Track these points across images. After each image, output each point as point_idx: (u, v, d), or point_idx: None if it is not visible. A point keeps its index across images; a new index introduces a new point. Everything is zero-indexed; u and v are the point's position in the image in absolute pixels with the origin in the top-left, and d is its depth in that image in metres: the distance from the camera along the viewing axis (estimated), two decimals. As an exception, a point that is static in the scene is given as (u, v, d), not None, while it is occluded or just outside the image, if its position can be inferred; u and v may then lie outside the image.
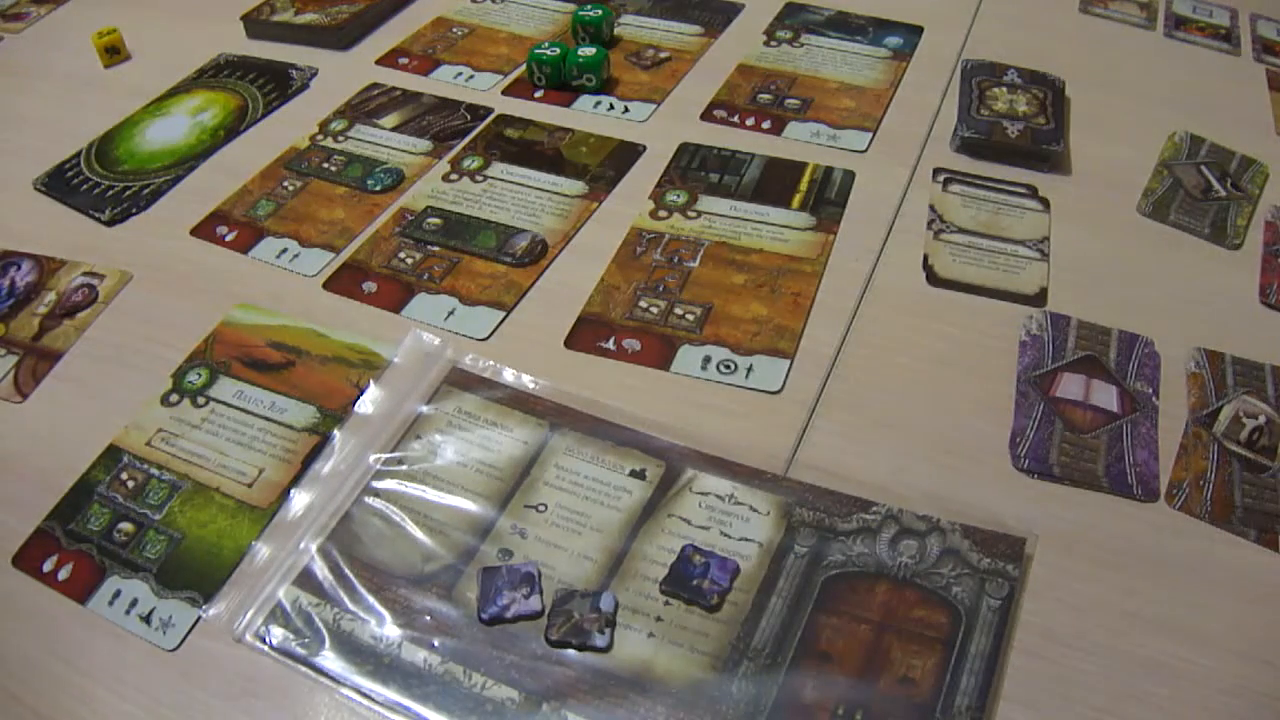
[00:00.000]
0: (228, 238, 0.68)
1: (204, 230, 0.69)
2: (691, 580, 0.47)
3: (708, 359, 0.58)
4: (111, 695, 0.44)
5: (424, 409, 0.55)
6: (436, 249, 0.66)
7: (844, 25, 0.88)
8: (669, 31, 0.88)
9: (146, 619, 0.47)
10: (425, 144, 0.76)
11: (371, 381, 0.57)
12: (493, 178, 0.72)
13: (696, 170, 0.72)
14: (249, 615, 0.46)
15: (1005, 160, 0.72)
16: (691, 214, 0.68)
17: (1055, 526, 0.49)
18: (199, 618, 0.47)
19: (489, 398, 0.56)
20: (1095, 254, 0.65)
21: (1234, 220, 0.67)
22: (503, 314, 0.61)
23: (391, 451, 0.53)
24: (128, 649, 0.46)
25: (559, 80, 0.80)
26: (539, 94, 0.80)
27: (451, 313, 0.61)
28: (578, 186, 0.71)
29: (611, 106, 0.79)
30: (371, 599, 0.47)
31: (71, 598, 0.48)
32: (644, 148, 0.74)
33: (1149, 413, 0.55)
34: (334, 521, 0.50)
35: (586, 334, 0.60)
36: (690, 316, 0.60)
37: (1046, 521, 0.49)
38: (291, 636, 0.46)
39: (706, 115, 0.77)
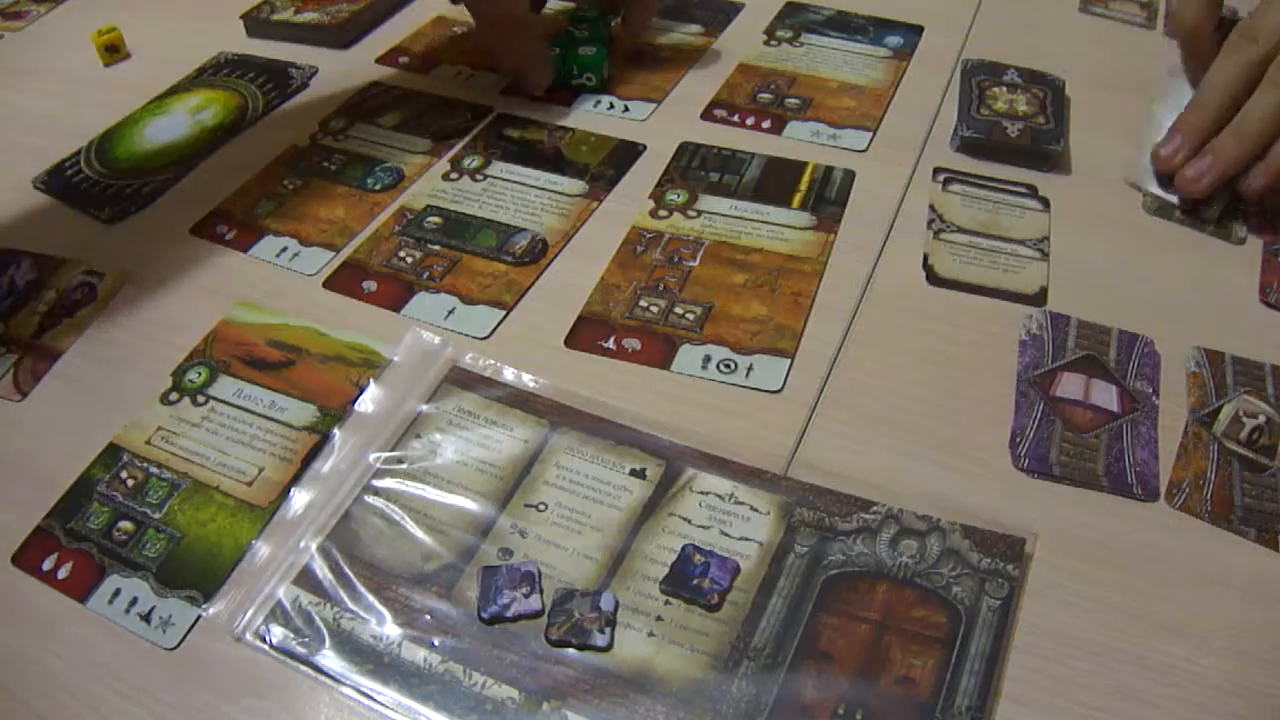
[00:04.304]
0: (228, 236, 0.68)
1: (204, 229, 0.69)
2: (692, 580, 0.47)
3: (708, 358, 0.58)
4: (111, 694, 0.44)
5: (424, 408, 0.55)
6: (436, 248, 0.66)
7: (844, 25, 0.88)
8: (669, 31, 0.88)
9: (146, 618, 0.47)
10: (425, 143, 0.75)
11: (371, 380, 0.57)
12: (493, 177, 0.72)
13: (696, 169, 0.72)
14: (249, 614, 0.46)
15: (1005, 160, 0.72)
16: (691, 213, 0.68)
17: (1055, 526, 0.49)
18: (199, 617, 0.47)
19: (489, 397, 0.56)
20: (1095, 254, 0.65)
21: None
22: (503, 313, 0.61)
23: (391, 450, 0.53)
24: (127, 648, 0.46)
25: (559, 80, 0.80)
26: (539, 93, 0.80)
27: (451, 311, 0.61)
28: (578, 186, 0.71)
29: (611, 106, 0.79)
30: (371, 598, 0.47)
31: (71, 596, 0.48)
32: (644, 147, 0.74)
33: (1149, 412, 0.55)
34: (334, 520, 0.50)
35: (586, 333, 0.60)
36: (690, 316, 0.60)
37: (1046, 521, 0.49)
38: (291, 635, 0.46)
39: (706, 115, 0.77)
